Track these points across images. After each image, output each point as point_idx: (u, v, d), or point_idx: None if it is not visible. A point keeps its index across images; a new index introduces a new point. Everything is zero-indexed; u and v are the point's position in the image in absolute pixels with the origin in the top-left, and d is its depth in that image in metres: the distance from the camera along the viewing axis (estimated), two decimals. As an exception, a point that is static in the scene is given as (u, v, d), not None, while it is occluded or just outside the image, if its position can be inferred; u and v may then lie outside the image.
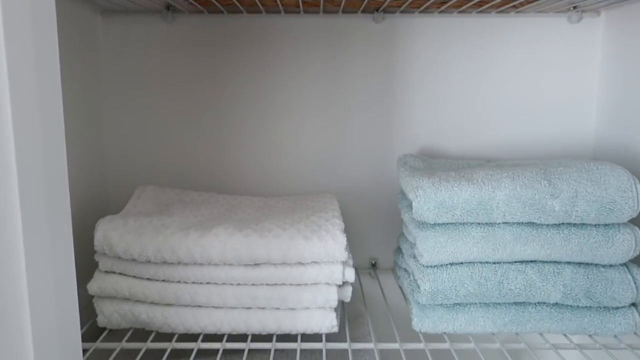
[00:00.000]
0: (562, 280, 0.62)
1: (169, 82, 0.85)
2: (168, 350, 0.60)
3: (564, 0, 0.74)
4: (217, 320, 0.63)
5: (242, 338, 0.63)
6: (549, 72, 0.84)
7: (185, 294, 0.63)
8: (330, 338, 0.65)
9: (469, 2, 0.75)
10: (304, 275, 0.62)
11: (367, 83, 0.85)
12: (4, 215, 0.34)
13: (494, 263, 0.64)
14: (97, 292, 0.64)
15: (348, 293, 0.65)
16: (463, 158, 0.86)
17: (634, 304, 0.64)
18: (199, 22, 0.83)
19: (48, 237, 0.38)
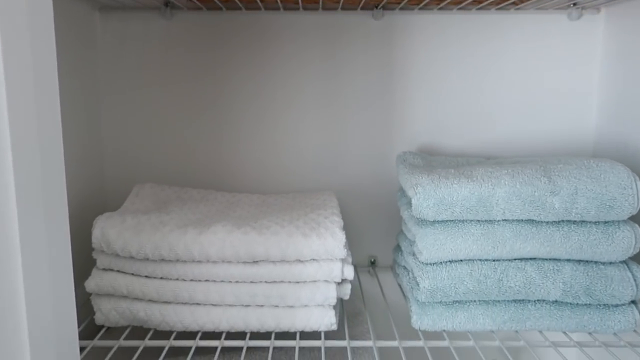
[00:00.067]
0: (561, 278, 0.62)
1: (168, 79, 0.84)
2: (166, 348, 0.60)
3: (564, -3, 0.74)
4: (215, 318, 0.63)
5: (240, 336, 0.63)
6: (549, 69, 0.84)
7: (184, 292, 0.62)
8: (329, 336, 0.65)
9: (469, -2, 0.75)
10: (303, 273, 0.62)
11: (366, 80, 0.84)
12: (0, 212, 0.34)
13: (494, 260, 0.64)
14: (94, 289, 0.64)
15: (347, 291, 0.65)
16: (463, 155, 0.86)
17: (634, 302, 0.64)
18: (198, 18, 0.83)
19: (45, 234, 0.38)
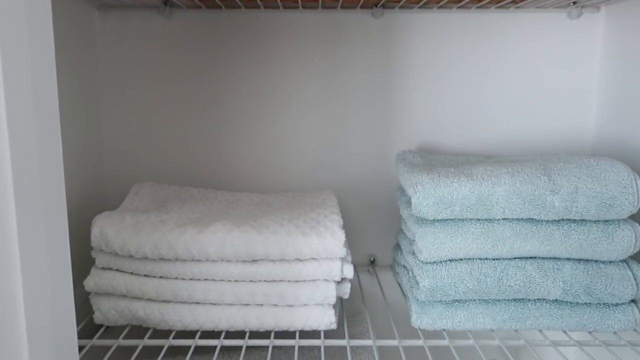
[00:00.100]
0: (561, 277, 0.62)
1: (167, 77, 0.84)
2: (165, 347, 0.60)
3: (564, -5, 0.73)
4: (214, 317, 0.63)
5: (239, 335, 0.62)
6: (549, 68, 0.84)
7: (183, 291, 0.62)
8: (329, 335, 0.65)
9: (469, -3, 0.75)
10: (303, 272, 0.62)
11: (366, 79, 0.84)
12: (-2, 210, 0.34)
13: (494, 259, 0.64)
14: (93, 288, 0.64)
15: (347, 290, 0.65)
16: (462, 154, 0.86)
17: (634, 301, 0.64)
18: (197, 17, 0.83)
19: (43, 233, 0.38)
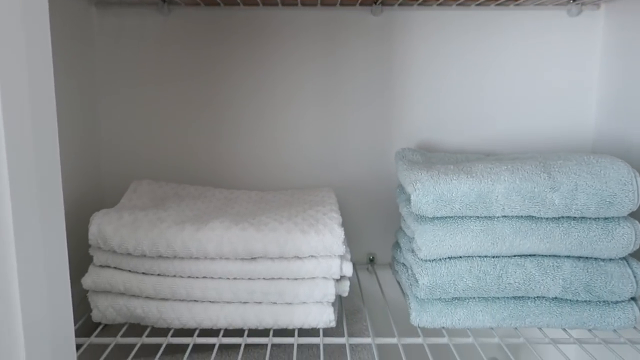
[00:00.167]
0: (561, 274, 0.62)
1: (165, 75, 0.84)
2: (163, 345, 0.59)
3: (564, -7, 0.73)
4: (213, 315, 0.62)
5: (238, 333, 0.62)
6: (549, 65, 0.84)
7: (181, 288, 0.62)
8: (328, 333, 0.65)
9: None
10: (301, 270, 0.62)
11: (365, 76, 0.84)
12: (-6, 207, 0.34)
13: (493, 257, 0.63)
14: (91, 286, 0.63)
15: (346, 287, 0.65)
16: (462, 152, 0.86)
17: (634, 298, 0.64)
18: (195, 14, 0.83)
19: (40, 230, 0.38)
